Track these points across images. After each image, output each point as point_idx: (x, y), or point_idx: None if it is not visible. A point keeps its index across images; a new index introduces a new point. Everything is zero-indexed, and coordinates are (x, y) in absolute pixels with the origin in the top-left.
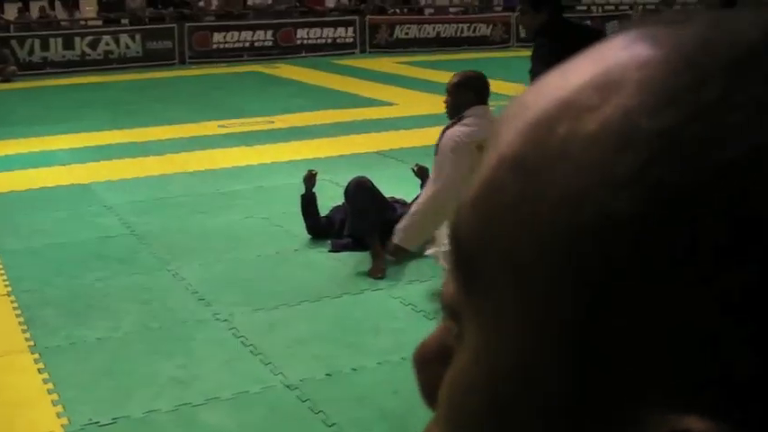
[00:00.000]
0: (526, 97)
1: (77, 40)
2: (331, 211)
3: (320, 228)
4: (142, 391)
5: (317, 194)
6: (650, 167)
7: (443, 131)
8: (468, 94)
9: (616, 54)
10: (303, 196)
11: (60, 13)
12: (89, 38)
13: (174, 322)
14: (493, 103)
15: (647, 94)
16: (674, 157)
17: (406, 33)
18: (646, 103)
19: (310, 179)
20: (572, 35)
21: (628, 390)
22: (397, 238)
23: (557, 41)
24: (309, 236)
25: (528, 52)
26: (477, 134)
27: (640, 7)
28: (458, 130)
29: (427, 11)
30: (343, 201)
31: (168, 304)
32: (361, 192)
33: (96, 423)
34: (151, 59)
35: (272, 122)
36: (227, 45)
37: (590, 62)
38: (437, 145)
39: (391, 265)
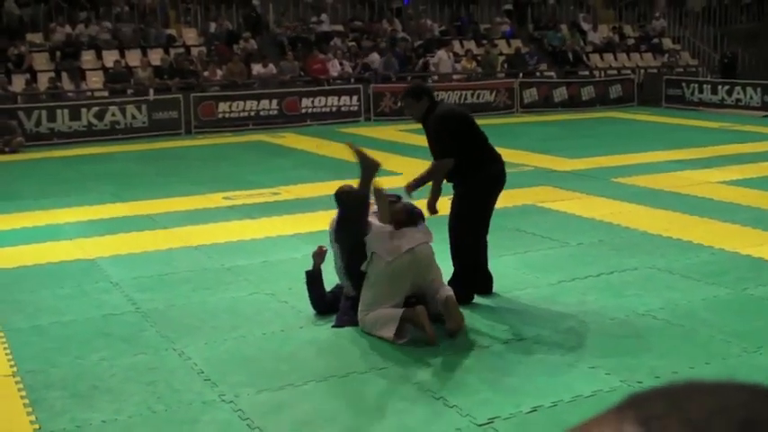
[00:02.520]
0: None
1: (84, 110)
2: (335, 287)
3: (325, 304)
4: None
5: (323, 267)
6: None
7: None
8: None
9: None
10: (309, 273)
11: (67, 84)
12: (95, 108)
13: (179, 404)
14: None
15: None
16: None
17: None
18: None
19: (320, 255)
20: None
21: None
22: None
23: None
24: (315, 312)
25: (532, 118)
26: None
27: (642, 71)
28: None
29: (431, 78)
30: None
31: (173, 385)
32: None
33: None
34: (157, 129)
35: (278, 194)
36: (232, 114)
37: None
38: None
39: (396, 345)
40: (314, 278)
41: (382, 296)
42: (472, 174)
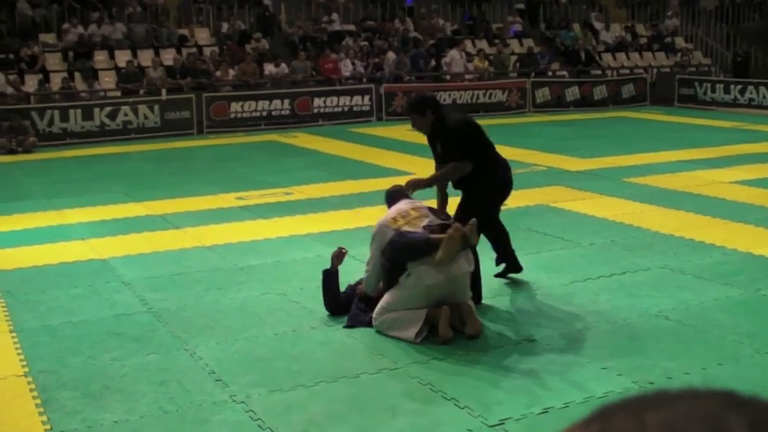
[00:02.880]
0: None
1: (96, 110)
2: (348, 287)
3: (339, 304)
4: None
5: (339, 269)
6: None
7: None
8: None
9: None
10: (326, 272)
11: (80, 84)
12: (108, 108)
13: (190, 404)
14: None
15: None
16: None
17: None
18: None
19: (339, 257)
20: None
21: None
22: None
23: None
24: (327, 313)
25: (544, 117)
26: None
27: (655, 70)
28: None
29: (443, 78)
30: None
31: (185, 385)
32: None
33: None
34: (169, 129)
35: (290, 194)
36: (244, 114)
37: None
38: None
39: (407, 345)
40: (331, 278)
41: (409, 306)
42: (478, 180)
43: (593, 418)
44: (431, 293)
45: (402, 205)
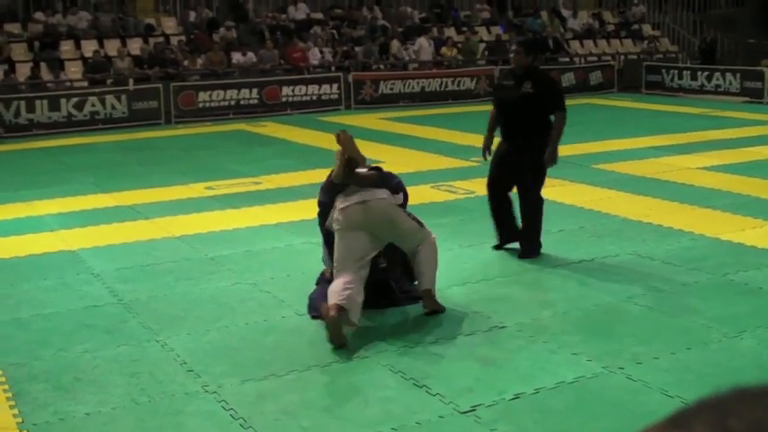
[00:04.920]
0: None
1: (63, 101)
2: (318, 280)
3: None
4: None
5: (306, 258)
6: None
7: None
8: None
9: None
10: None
11: (46, 74)
12: (75, 99)
13: (162, 395)
14: (477, 158)
15: None
16: None
17: (391, 89)
18: None
19: None
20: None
21: None
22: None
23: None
24: (297, 302)
25: None
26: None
27: (622, 57)
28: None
29: (411, 66)
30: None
31: (157, 376)
32: None
33: None
34: (137, 119)
35: (260, 183)
36: (212, 104)
37: None
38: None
39: (379, 333)
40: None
41: (344, 256)
42: (545, 137)
43: (669, 425)
44: (350, 224)
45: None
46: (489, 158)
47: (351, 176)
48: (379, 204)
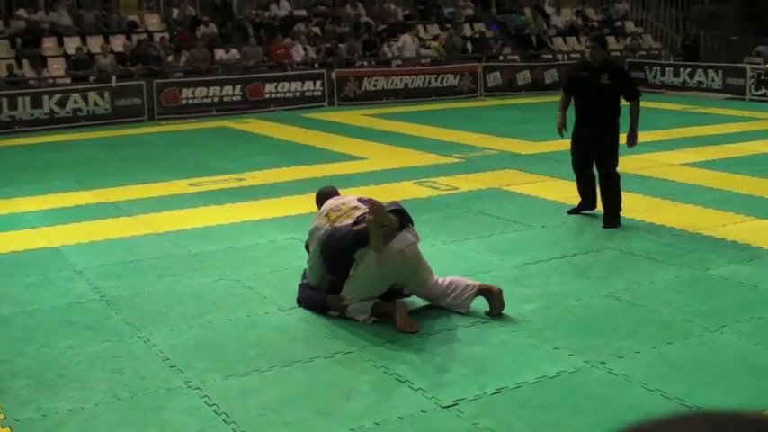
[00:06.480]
0: None
1: (46, 98)
2: (304, 275)
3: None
4: None
5: (288, 254)
6: None
7: None
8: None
9: None
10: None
11: (28, 71)
12: (57, 96)
13: (145, 391)
14: (460, 155)
15: None
16: None
17: (374, 85)
18: None
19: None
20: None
21: None
22: None
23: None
24: (279, 298)
25: (495, 101)
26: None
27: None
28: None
29: (395, 62)
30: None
31: (139, 372)
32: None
33: None
34: (120, 116)
35: (243, 180)
36: (195, 101)
37: None
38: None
39: (361, 328)
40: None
41: (368, 292)
42: (616, 121)
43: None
44: (386, 276)
45: (332, 201)
46: (566, 134)
47: (385, 238)
48: (413, 251)
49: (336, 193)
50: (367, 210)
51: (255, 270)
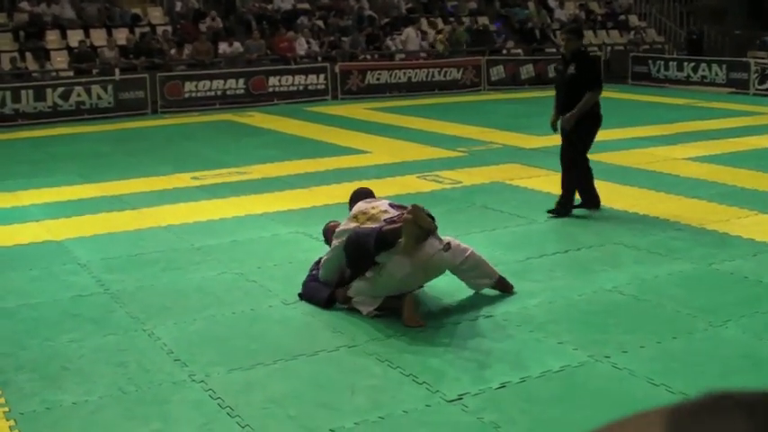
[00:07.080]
0: None
1: (49, 91)
2: (313, 269)
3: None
4: None
5: (292, 247)
6: None
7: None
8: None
9: None
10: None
11: (32, 64)
12: (61, 89)
13: (149, 384)
14: (464, 148)
15: None
16: None
17: (378, 79)
18: None
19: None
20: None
21: None
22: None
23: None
24: (283, 291)
25: (499, 95)
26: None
27: (609, 48)
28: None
29: (398, 56)
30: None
31: (144, 365)
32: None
33: None
34: (123, 109)
35: (246, 173)
36: (198, 94)
37: None
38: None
39: (366, 322)
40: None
41: (379, 296)
42: (593, 112)
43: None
44: (407, 283)
45: (363, 204)
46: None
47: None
48: (438, 262)
49: (371, 195)
50: (397, 214)
51: (259, 263)
